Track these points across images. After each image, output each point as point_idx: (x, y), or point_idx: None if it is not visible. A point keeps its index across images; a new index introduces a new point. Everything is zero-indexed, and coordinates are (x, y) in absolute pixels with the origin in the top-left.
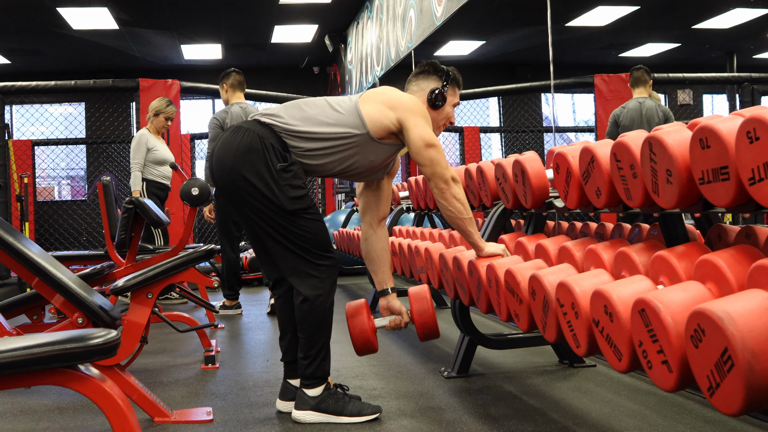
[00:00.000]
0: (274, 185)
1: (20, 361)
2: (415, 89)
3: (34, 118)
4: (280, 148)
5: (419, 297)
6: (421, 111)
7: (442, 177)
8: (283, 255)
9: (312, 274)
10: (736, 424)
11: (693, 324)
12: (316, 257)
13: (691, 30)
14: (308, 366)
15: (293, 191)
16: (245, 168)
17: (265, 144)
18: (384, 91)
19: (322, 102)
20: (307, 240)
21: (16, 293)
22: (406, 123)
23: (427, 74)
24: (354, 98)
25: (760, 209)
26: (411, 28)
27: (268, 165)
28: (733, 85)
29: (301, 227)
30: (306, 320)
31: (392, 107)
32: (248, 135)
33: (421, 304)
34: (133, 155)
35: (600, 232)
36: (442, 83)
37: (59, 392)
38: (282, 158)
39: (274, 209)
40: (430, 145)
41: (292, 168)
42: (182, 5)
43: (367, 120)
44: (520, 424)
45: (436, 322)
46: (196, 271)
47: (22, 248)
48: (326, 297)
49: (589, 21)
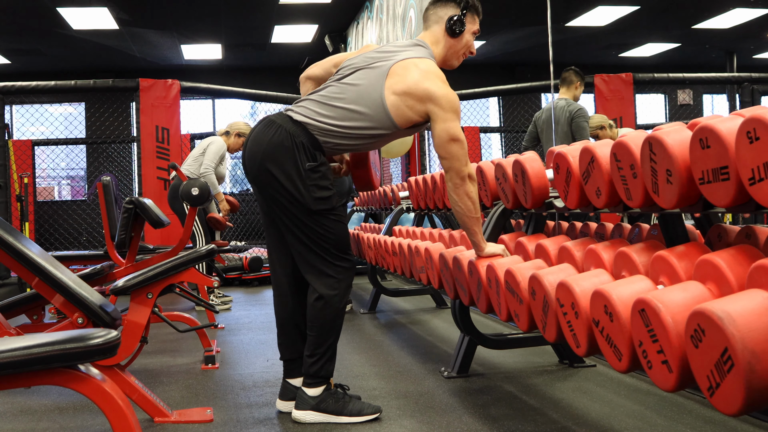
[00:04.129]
0: (301, 184)
1: (20, 361)
2: (434, 19)
3: (34, 118)
4: (310, 147)
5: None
6: (451, 105)
7: (459, 173)
8: (303, 252)
9: (329, 273)
10: (736, 424)
11: (693, 324)
12: (335, 258)
13: (691, 30)
14: (313, 364)
15: (320, 192)
16: (274, 164)
17: (296, 142)
18: (413, 76)
19: (350, 94)
20: (329, 240)
21: (16, 293)
22: (434, 115)
23: (445, 2)
24: (379, 87)
25: (760, 209)
26: (411, 28)
27: (297, 164)
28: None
29: (325, 227)
30: (318, 318)
31: (422, 99)
32: (280, 132)
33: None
34: (212, 157)
35: (600, 232)
36: (461, 10)
37: (59, 392)
38: (312, 157)
39: (299, 207)
40: (455, 140)
41: (320, 169)
42: (182, 5)
43: (395, 116)
44: (520, 424)
45: (372, 176)
46: (196, 271)
47: (22, 248)
48: (341, 298)
49: (589, 21)
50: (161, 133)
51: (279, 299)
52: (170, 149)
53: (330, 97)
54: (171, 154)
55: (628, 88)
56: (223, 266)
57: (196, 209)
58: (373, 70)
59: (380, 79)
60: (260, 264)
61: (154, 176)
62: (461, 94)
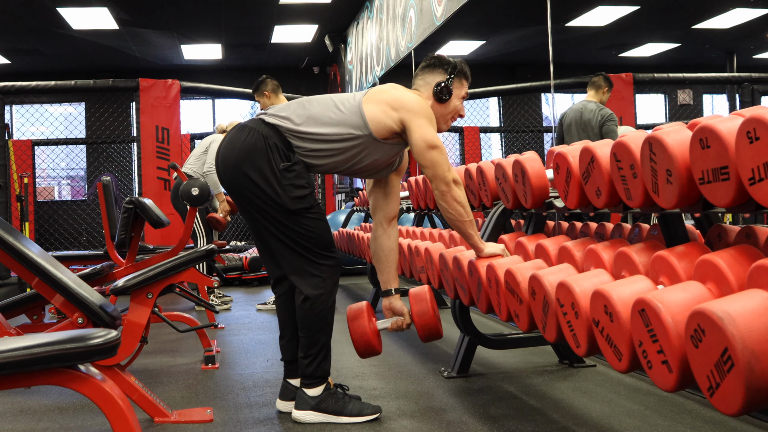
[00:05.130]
0: (277, 185)
1: (20, 361)
2: (421, 83)
3: (34, 118)
4: (284, 148)
5: (419, 298)
6: (424, 111)
7: (443, 179)
8: (285, 253)
9: (314, 273)
10: (736, 424)
11: (693, 324)
12: (318, 256)
13: (691, 30)
14: (308, 365)
15: (296, 191)
16: (248, 167)
17: (269, 143)
18: (388, 90)
19: (326, 100)
20: (310, 239)
21: (16, 293)
22: (408, 123)
23: (432, 68)
24: (358, 97)
25: (760, 209)
26: (411, 28)
27: (271, 164)
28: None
29: (304, 226)
30: (307, 319)
31: (395, 107)
32: (252, 134)
33: (421, 305)
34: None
35: (600, 232)
36: (448, 76)
37: (59, 392)
38: (285, 158)
39: (277, 208)
40: (433, 147)
41: (295, 168)
42: (182, 5)
43: (370, 121)
44: (520, 424)
45: (438, 322)
46: (196, 271)
47: (22, 248)
48: (327, 296)
49: (589, 21)
50: (161, 133)
51: (279, 300)
52: (170, 149)
53: (305, 101)
54: (171, 154)
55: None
56: (223, 266)
57: (196, 209)
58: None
59: (358, 94)
60: (260, 264)
61: (154, 176)
62: None
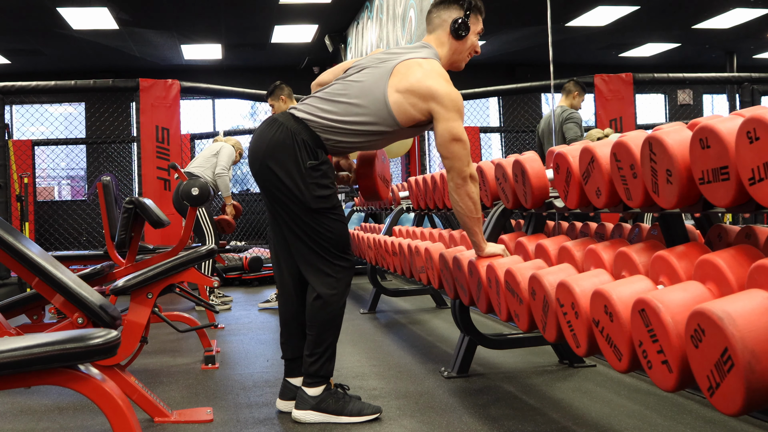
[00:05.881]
0: (301, 182)
1: (20, 361)
2: (438, 22)
3: (34, 118)
4: (312, 145)
5: (366, 161)
6: (454, 104)
7: (460, 173)
8: (302, 251)
9: (328, 273)
10: (736, 424)
11: (693, 324)
12: (335, 257)
13: (691, 30)
14: (313, 364)
15: (320, 190)
16: (275, 162)
17: (297, 140)
18: (417, 76)
19: (353, 90)
20: (328, 239)
21: (16, 293)
22: (437, 115)
23: (447, 4)
24: (382, 85)
25: (760, 209)
26: (411, 28)
27: (298, 162)
28: (733, 85)
29: (324, 225)
30: (317, 318)
31: (424, 97)
32: (282, 130)
33: (365, 169)
34: (227, 160)
35: (600, 232)
36: (464, 12)
37: (59, 392)
38: (313, 155)
39: (299, 205)
40: (457, 140)
41: (321, 167)
42: (182, 5)
43: (397, 114)
44: (520, 424)
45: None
46: (196, 271)
47: (22, 248)
48: (339, 297)
49: (589, 21)
50: (161, 133)
51: (283, 298)
52: (170, 149)
53: (333, 94)
54: (171, 154)
55: (628, 88)
56: (223, 266)
57: (196, 209)
58: (378, 68)
59: (384, 76)
60: (260, 264)
61: (154, 176)
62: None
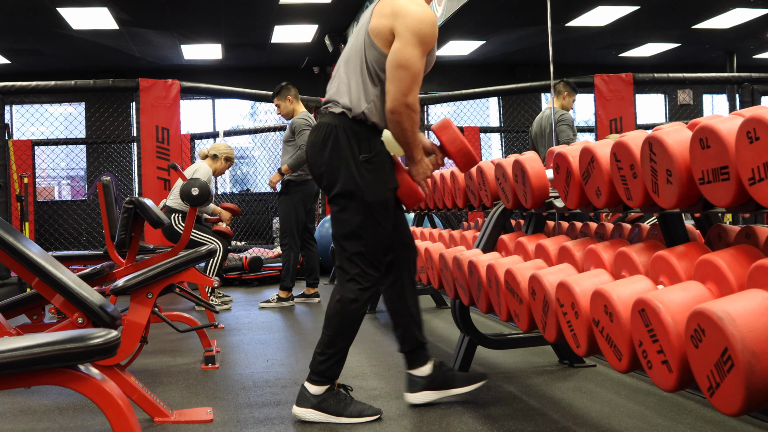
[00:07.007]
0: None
1: (20, 361)
2: None
3: (34, 118)
4: (362, 134)
5: (444, 127)
6: (416, 24)
7: (394, 98)
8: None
9: (357, 280)
10: (736, 424)
11: (693, 324)
12: (368, 265)
13: (691, 30)
14: (322, 363)
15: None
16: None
17: (348, 134)
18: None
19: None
20: (368, 246)
21: (16, 293)
22: (396, 34)
23: None
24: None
25: (760, 209)
26: None
27: (354, 155)
28: (733, 85)
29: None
30: (335, 319)
31: (391, 15)
32: (329, 130)
33: (449, 133)
34: None
35: (600, 232)
36: None
37: (59, 392)
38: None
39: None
40: (402, 67)
41: (374, 160)
42: (182, 5)
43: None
44: (520, 424)
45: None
46: (196, 271)
47: (22, 248)
48: (361, 306)
49: (589, 21)
50: (161, 133)
51: (388, 291)
52: (170, 149)
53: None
54: (171, 154)
55: (628, 88)
56: (224, 266)
57: (196, 209)
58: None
59: (363, 27)
60: (260, 264)
61: (154, 176)
62: (461, 94)
